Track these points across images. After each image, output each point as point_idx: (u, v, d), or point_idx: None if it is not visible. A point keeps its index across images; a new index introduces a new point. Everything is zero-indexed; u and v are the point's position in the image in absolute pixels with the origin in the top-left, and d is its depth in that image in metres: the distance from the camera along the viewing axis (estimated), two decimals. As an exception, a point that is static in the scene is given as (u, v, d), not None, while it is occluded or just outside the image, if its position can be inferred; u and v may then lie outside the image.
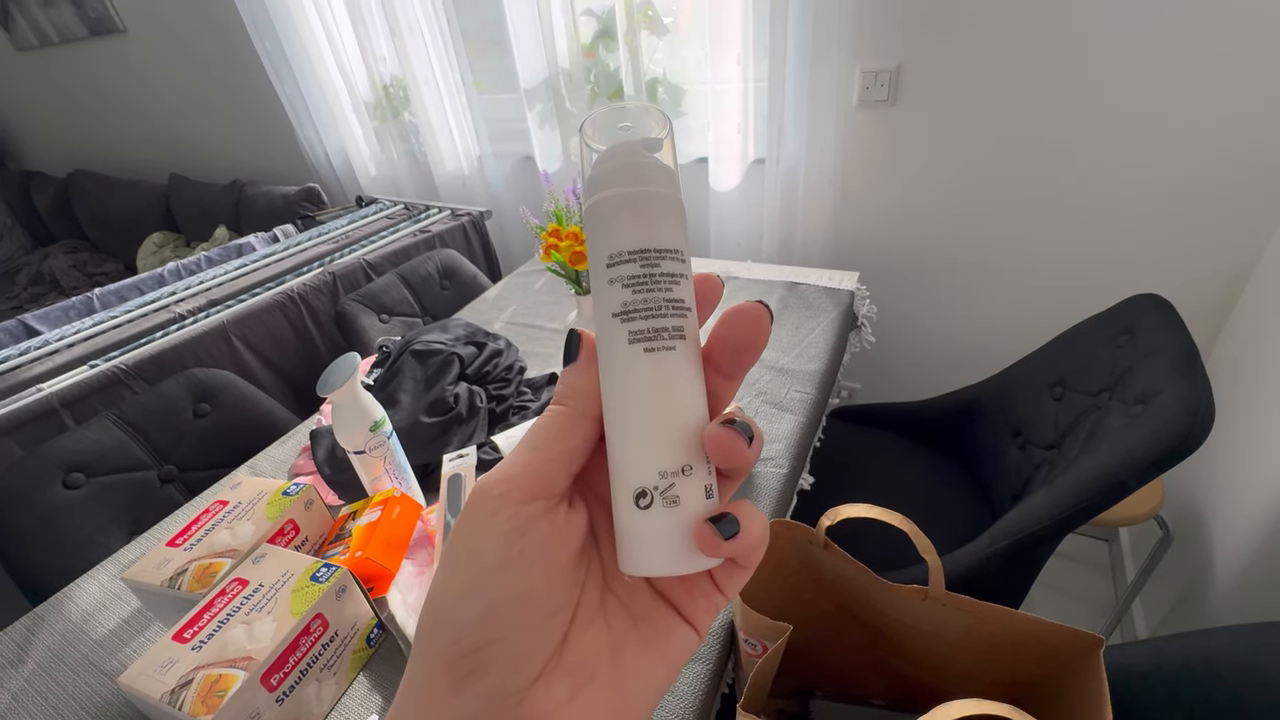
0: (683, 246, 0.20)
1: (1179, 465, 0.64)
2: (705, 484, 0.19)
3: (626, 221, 0.19)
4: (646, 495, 0.18)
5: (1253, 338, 1.08)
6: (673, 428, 0.18)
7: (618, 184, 0.19)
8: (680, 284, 0.19)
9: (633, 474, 0.19)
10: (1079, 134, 1.16)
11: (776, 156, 1.36)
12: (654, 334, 0.19)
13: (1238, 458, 1.01)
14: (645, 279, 0.19)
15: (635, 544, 0.19)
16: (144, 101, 2.63)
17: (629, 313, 0.19)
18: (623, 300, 0.19)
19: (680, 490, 0.18)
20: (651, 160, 0.20)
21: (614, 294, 0.19)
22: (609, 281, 0.19)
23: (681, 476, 0.18)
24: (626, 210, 0.19)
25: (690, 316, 0.20)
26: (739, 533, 0.17)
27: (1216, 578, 1.02)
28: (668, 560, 0.18)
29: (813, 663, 0.68)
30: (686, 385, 0.19)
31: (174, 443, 1.00)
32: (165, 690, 0.51)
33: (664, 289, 0.19)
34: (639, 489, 0.18)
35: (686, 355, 0.19)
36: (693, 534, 0.18)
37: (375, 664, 0.63)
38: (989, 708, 0.37)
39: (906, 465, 1.15)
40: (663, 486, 0.18)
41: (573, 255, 0.88)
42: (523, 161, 1.80)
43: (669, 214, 0.20)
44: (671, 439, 0.18)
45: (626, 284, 0.19)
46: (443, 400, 0.88)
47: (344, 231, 1.62)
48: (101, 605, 0.74)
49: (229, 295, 1.33)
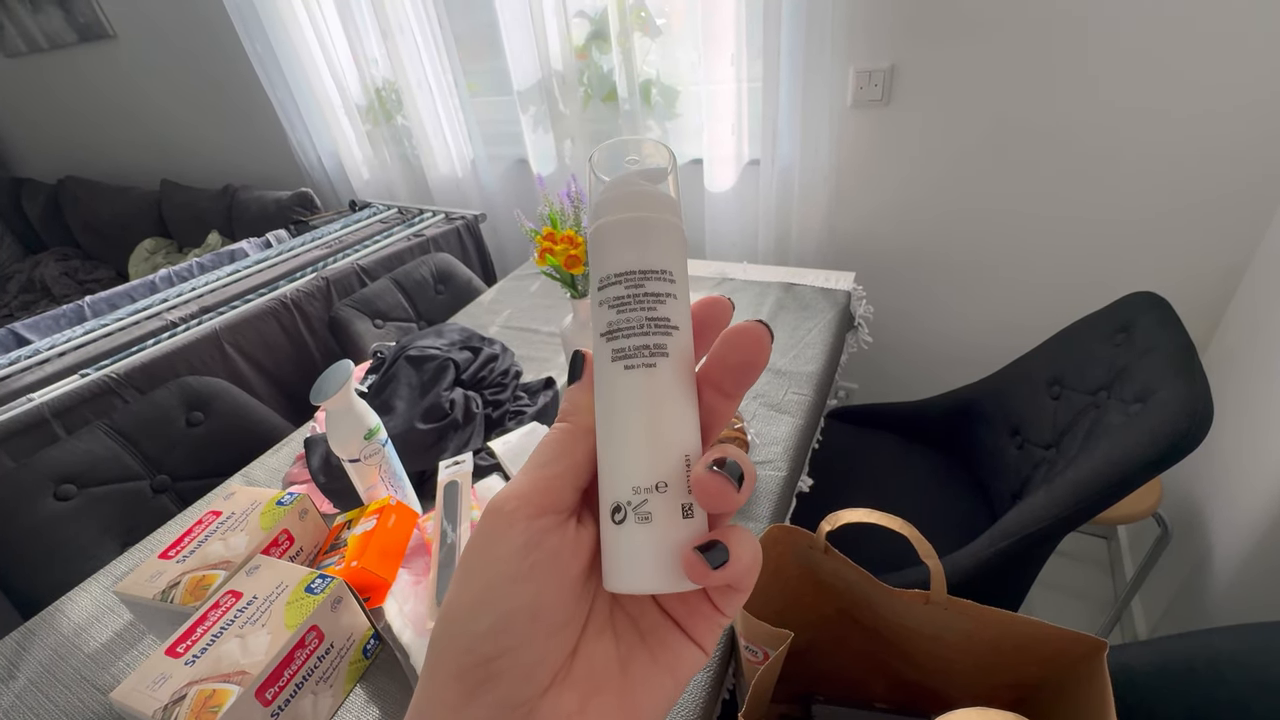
0: (673, 267, 0.20)
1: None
2: (683, 503, 0.19)
3: (616, 246, 0.20)
4: (620, 510, 0.19)
5: (1250, 332, 1.09)
6: (647, 445, 0.19)
7: (613, 212, 0.20)
8: (666, 303, 0.19)
9: (608, 489, 0.19)
10: (1075, 129, 1.16)
11: (771, 157, 1.35)
12: (634, 352, 0.19)
13: (1235, 454, 1.01)
14: (629, 299, 0.19)
15: (611, 560, 0.19)
16: (135, 106, 2.61)
17: (613, 332, 0.19)
18: (608, 320, 0.19)
19: (653, 507, 0.18)
20: (649, 189, 0.21)
21: (602, 315, 0.20)
22: (599, 304, 0.20)
23: (655, 493, 0.18)
24: (617, 235, 0.20)
25: (678, 335, 0.20)
26: (727, 561, 0.17)
27: (1215, 574, 1.02)
28: (643, 578, 0.18)
29: (814, 667, 0.68)
30: (668, 403, 0.19)
31: (166, 452, 0.99)
32: (158, 707, 0.50)
33: (647, 308, 0.19)
34: (614, 504, 0.19)
35: (670, 373, 0.19)
36: (669, 552, 0.18)
37: (372, 675, 0.63)
38: (993, 716, 0.36)
39: (905, 465, 1.15)
40: (635, 502, 0.18)
41: (567, 259, 0.88)
42: (516, 164, 1.79)
43: (660, 237, 0.20)
44: (645, 456, 0.19)
45: (612, 305, 0.20)
46: (438, 406, 0.87)
47: (337, 236, 1.61)
48: (94, 618, 0.73)
49: (222, 302, 1.32)
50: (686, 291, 0.20)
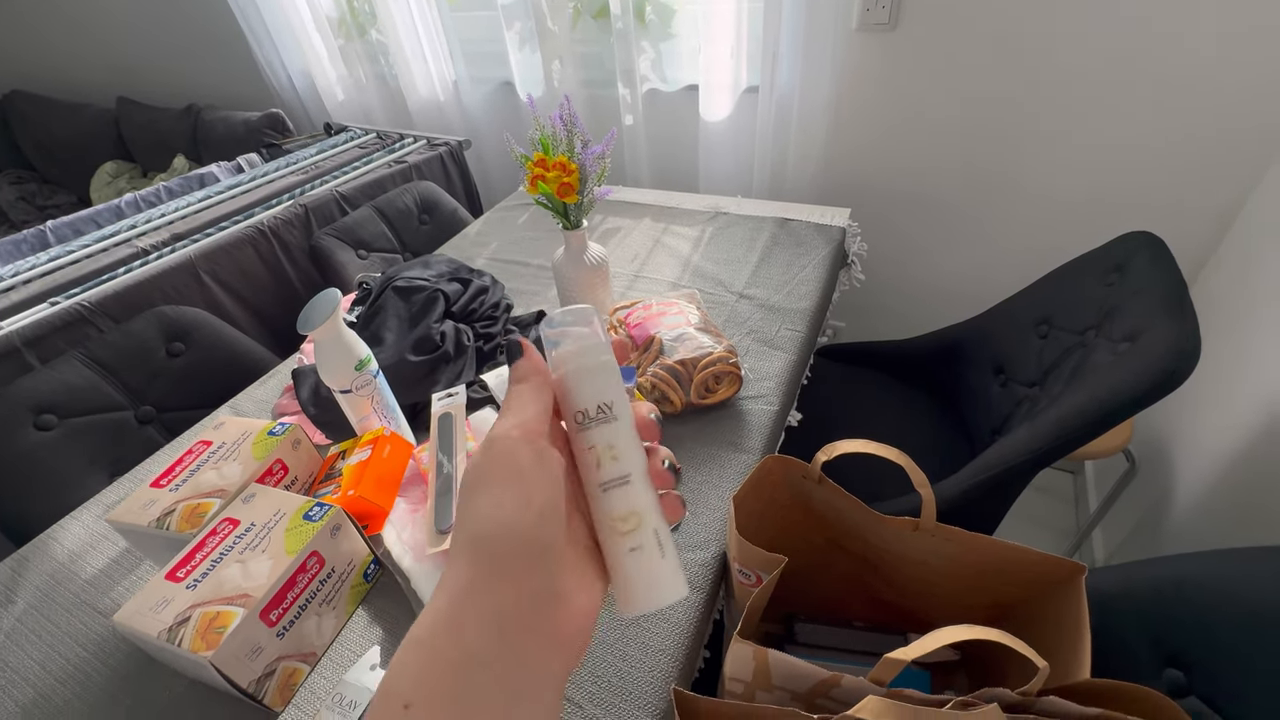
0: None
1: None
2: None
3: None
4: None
5: (1233, 277, 1.10)
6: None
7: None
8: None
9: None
10: (1089, 55, 1.11)
11: (770, 84, 1.30)
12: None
13: (1209, 392, 1.04)
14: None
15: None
16: (85, 14, 2.40)
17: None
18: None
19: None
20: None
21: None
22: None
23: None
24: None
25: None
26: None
27: (1176, 506, 1.07)
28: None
29: (798, 590, 0.71)
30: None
31: (148, 383, 0.97)
32: (163, 628, 0.51)
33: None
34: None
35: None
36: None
37: (373, 598, 0.64)
38: (978, 633, 0.38)
39: (889, 402, 1.17)
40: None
41: (560, 187, 0.84)
42: (501, 87, 1.70)
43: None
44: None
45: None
46: (429, 338, 0.86)
47: (314, 162, 1.53)
48: (88, 545, 0.74)
49: (195, 229, 1.27)
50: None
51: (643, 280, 1.09)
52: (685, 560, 0.65)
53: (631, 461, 0.27)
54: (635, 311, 0.90)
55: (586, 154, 0.83)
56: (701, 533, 0.67)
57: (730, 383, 0.81)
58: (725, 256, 1.12)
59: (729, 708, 0.43)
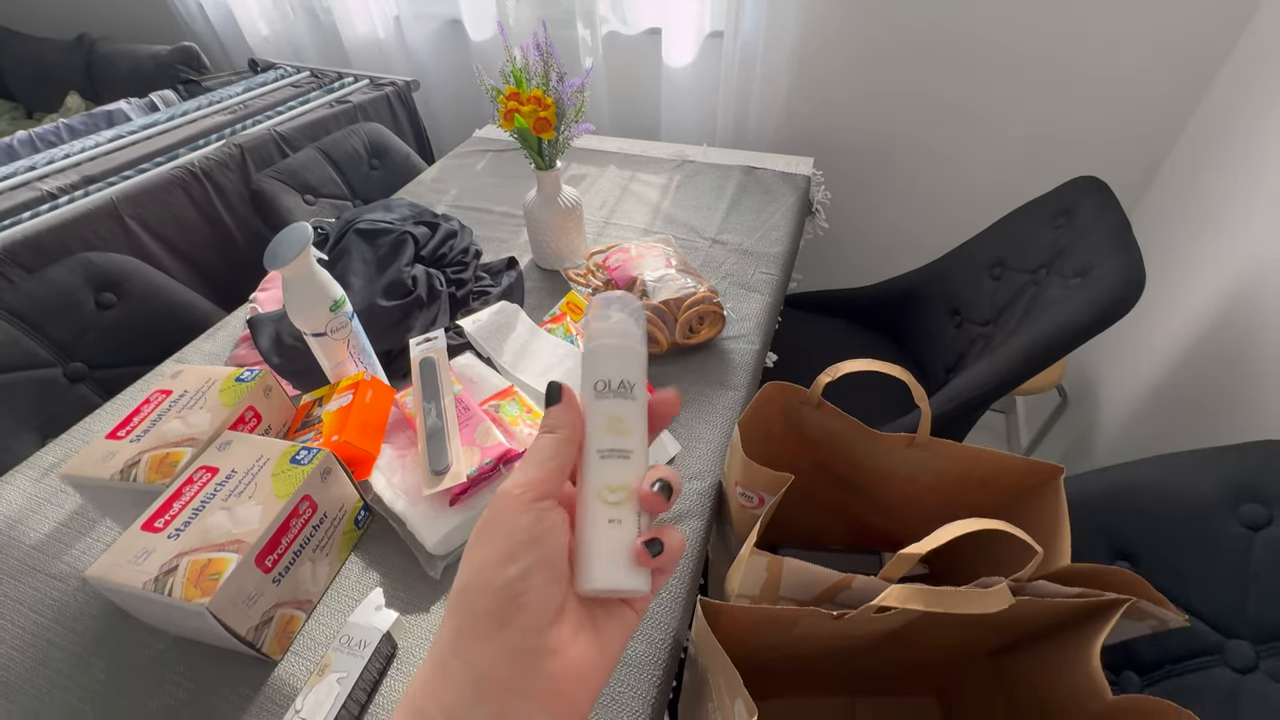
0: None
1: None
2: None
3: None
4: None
5: (1159, 215, 1.19)
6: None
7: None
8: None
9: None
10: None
11: (735, 29, 1.28)
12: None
13: (1134, 326, 1.14)
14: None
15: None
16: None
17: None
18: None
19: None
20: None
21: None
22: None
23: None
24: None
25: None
26: (662, 550, 0.25)
27: (1101, 433, 1.18)
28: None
29: (779, 519, 0.74)
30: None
31: (77, 337, 0.88)
32: (148, 579, 0.48)
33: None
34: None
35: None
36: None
37: (365, 544, 0.62)
38: (984, 524, 0.41)
39: (848, 345, 1.21)
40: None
41: (536, 121, 0.81)
42: (448, 25, 1.60)
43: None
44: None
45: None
46: (400, 283, 0.82)
47: (241, 101, 1.40)
48: (28, 510, 0.67)
49: (110, 170, 1.14)
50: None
51: (613, 227, 1.08)
52: (684, 489, 0.66)
53: (636, 443, 0.27)
54: (613, 255, 0.89)
55: (564, 87, 0.80)
56: (695, 464, 0.69)
57: (713, 323, 0.82)
58: (695, 204, 1.12)
59: (753, 611, 0.45)
